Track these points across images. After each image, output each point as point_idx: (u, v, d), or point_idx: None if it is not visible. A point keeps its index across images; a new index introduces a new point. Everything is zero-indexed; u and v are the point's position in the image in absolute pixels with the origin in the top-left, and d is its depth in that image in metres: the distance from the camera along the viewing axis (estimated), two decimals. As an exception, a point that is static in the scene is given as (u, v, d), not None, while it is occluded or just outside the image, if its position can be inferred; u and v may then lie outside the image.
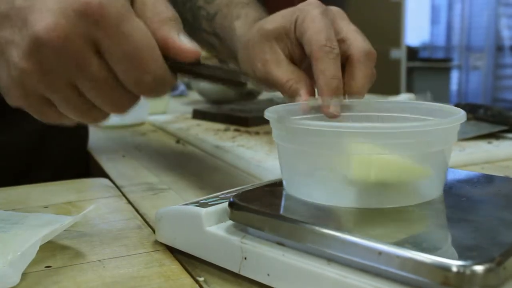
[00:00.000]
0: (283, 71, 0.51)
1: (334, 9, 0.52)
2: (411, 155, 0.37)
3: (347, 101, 0.46)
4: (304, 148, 0.38)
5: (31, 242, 0.39)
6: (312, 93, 0.49)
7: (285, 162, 0.41)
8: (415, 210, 0.37)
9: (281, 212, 0.37)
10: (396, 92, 3.11)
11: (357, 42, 0.49)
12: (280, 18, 0.53)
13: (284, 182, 0.41)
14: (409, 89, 3.92)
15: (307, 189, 0.39)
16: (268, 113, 0.40)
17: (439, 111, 0.42)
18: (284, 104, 0.43)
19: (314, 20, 0.49)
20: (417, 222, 0.36)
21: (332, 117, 0.45)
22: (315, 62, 0.48)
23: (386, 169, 0.36)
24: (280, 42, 0.52)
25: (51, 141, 0.78)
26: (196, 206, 0.42)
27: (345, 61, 0.49)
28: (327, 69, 0.47)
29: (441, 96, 4.53)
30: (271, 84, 0.52)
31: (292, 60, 0.52)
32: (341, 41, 0.49)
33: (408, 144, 0.36)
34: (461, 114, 0.39)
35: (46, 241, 0.40)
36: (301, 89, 0.49)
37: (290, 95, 0.50)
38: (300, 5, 0.52)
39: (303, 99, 0.48)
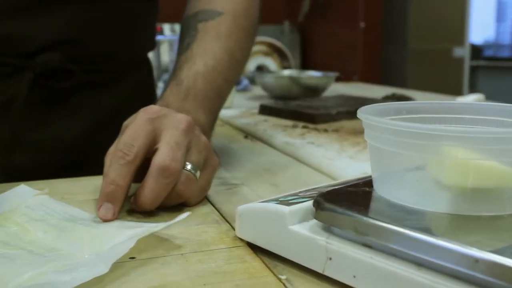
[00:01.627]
0: None
1: (170, 117, 0.52)
2: (510, 161, 0.35)
3: (439, 102, 0.45)
4: (397, 149, 0.37)
5: (124, 237, 0.40)
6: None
7: (377, 162, 0.40)
8: (513, 218, 0.35)
9: (369, 213, 0.36)
10: (458, 92, 3.02)
11: (158, 155, 0.49)
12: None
13: (374, 182, 0.41)
14: (472, 89, 3.81)
15: (398, 191, 0.38)
16: (362, 113, 0.40)
17: None
18: (376, 104, 0.42)
19: (132, 124, 0.51)
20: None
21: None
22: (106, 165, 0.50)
23: (483, 175, 0.35)
24: None
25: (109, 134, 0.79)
26: (277, 203, 0.41)
27: None
28: (110, 172, 0.48)
29: (507, 97, 4.37)
30: None
31: None
32: (155, 151, 0.50)
33: (508, 150, 0.35)
34: None
35: (139, 238, 0.41)
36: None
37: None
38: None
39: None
